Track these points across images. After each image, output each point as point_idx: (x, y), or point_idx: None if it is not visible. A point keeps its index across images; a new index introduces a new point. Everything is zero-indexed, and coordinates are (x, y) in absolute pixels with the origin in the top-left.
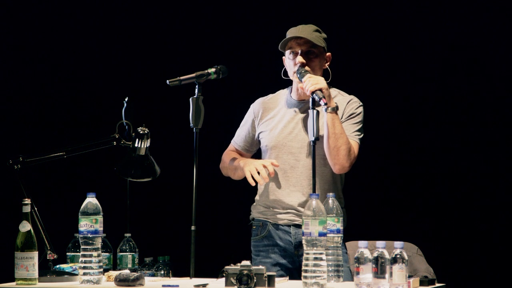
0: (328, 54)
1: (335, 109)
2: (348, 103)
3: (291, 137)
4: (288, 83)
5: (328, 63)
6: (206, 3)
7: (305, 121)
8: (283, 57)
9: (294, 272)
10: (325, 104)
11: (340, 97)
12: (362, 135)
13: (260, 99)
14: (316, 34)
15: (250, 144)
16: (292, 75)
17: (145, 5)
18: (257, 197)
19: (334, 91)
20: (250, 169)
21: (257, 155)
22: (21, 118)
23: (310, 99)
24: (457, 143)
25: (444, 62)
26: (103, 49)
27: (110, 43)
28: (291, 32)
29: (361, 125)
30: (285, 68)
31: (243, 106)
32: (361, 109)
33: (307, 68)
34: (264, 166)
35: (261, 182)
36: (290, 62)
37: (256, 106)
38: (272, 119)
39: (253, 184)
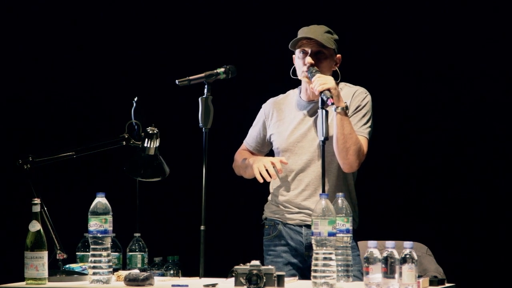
0: (338, 56)
1: (345, 109)
2: (353, 96)
3: (301, 138)
4: (297, 83)
5: (338, 65)
6: (216, 3)
7: (315, 123)
8: (293, 55)
9: (306, 272)
10: (333, 104)
11: (346, 89)
12: (370, 128)
13: (271, 100)
14: (327, 36)
15: (261, 145)
16: (300, 75)
17: (155, 4)
18: (270, 197)
19: (341, 84)
20: (258, 166)
21: (270, 154)
22: (31, 118)
23: (320, 99)
24: (468, 143)
25: (458, 61)
26: (113, 49)
27: (120, 43)
28: (302, 32)
29: (368, 117)
30: (294, 67)
31: (252, 106)
32: (368, 99)
33: (317, 68)
34: (273, 164)
35: (269, 179)
36: (300, 62)
37: (267, 107)
38: (282, 121)
39: (261, 180)
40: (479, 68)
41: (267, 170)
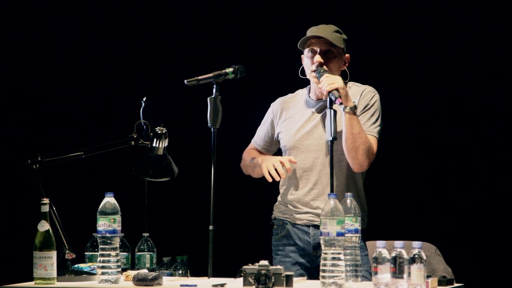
0: (346, 55)
1: (353, 109)
2: (361, 95)
3: (308, 136)
4: (305, 82)
5: (347, 65)
6: (224, 3)
7: (322, 120)
8: (302, 55)
9: (313, 271)
10: (341, 103)
11: (354, 88)
12: (379, 127)
13: (280, 99)
14: (336, 35)
15: (269, 144)
16: (309, 74)
17: (163, 5)
18: (279, 197)
19: (349, 83)
20: (267, 165)
21: (278, 154)
22: (39, 118)
23: (328, 99)
24: (476, 142)
25: (466, 59)
26: (121, 49)
27: (128, 42)
28: (311, 31)
29: (377, 116)
30: (302, 67)
31: (261, 105)
32: (376, 98)
33: (325, 67)
34: (281, 163)
35: (278, 178)
36: (308, 61)
37: (275, 106)
38: (290, 119)
39: (270, 180)
40: (489, 67)
41: (276, 170)
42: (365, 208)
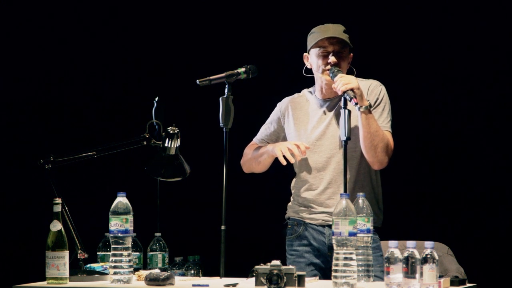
0: (351, 54)
1: (369, 108)
2: (369, 90)
3: (320, 136)
4: (311, 81)
5: (349, 63)
6: (234, 3)
7: (333, 120)
8: (305, 54)
9: (328, 272)
10: (356, 104)
11: (360, 83)
12: (391, 120)
13: (286, 99)
14: (346, 35)
15: (274, 142)
16: (319, 72)
17: (175, 5)
18: (292, 197)
19: None
20: (281, 148)
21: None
22: (52, 118)
23: (342, 99)
24: (488, 141)
25: (473, 53)
26: (134, 49)
27: (140, 43)
28: (322, 30)
29: (388, 109)
30: (306, 66)
31: (272, 105)
32: (383, 91)
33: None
34: (296, 146)
35: (292, 160)
36: (320, 60)
37: (283, 106)
38: (299, 120)
39: (284, 162)
40: (497, 61)
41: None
42: (380, 205)
